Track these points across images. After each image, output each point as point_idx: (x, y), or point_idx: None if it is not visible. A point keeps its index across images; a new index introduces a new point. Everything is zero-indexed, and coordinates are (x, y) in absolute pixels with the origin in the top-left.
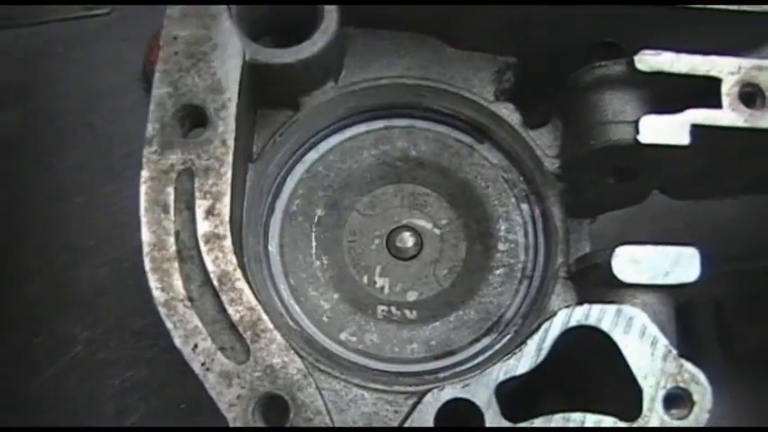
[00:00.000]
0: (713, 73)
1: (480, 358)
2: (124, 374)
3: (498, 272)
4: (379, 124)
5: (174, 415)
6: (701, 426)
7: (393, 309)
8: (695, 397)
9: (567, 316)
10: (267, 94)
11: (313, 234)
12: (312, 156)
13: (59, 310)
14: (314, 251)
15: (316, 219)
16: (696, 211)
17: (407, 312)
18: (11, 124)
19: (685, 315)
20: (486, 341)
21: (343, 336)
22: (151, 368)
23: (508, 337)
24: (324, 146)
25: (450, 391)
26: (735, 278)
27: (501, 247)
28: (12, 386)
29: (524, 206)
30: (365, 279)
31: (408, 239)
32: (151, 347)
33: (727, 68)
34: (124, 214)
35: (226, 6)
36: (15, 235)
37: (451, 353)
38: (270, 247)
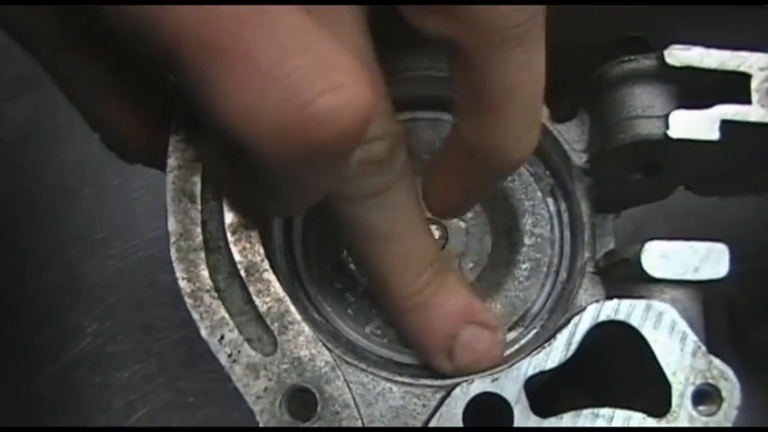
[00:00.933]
0: (743, 69)
1: (507, 352)
2: (132, 367)
3: (524, 266)
4: (405, 116)
5: (183, 408)
6: (730, 421)
7: None
8: (724, 393)
9: (596, 311)
10: None
11: None
12: None
13: (68, 302)
14: (338, 244)
15: None
16: (711, 210)
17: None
18: (20, 117)
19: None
20: (512, 335)
21: (368, 329)
22: (160, 361)
23: (534, 331)
24: None
25: (478, 385)
26: (749, 277)
27: (527, 241)
28: (19, 378)
29: (550, 200)
30: None
31: (434, 232)
32: (159, 341)
33: (757, 64)
34: (133, 207)
35: None
36: (24, 227)
37: None
38: (294, 239)
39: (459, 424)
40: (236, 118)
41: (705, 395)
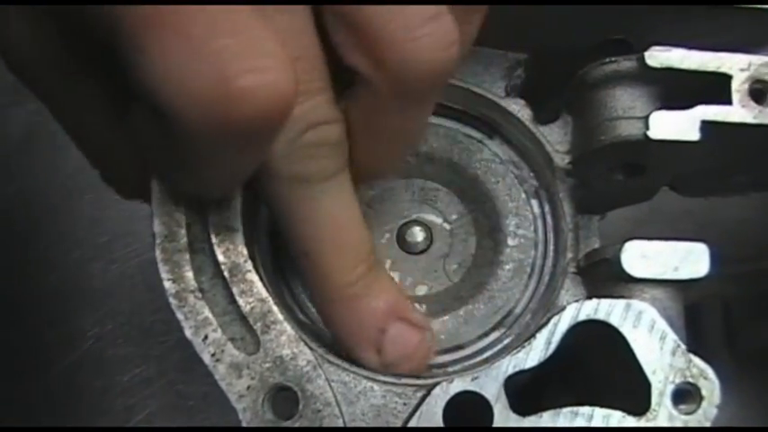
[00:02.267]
0: (723, 69)
1: (489, 352)
2: (133, 371)
3: (508, 267)
4: None
5: (183, 412)
6: (710, 420)
7: None
8: (704, 392)
9: (576, 310)
10: None
11: None
12: None
13: (69, 306)
14: None
15: None
16: (706, 212)
17: (417, 306)
18: (21, 122)
19: (693, 315)
20: (494, 335)
21: None
22: (160, 365)
23: (517, 331)
24: None
25: (459, 384)
26: (743, 279)
27: (510, 242)
28: (21, 381)
29: (534, 202)
30: None
31: (418, 234)
32: (160, 344)
33: (737, 65)
34: (134, 212)
35: None
36: (25, 231)
37: (460, 347)
38: (279, 241)
39: (440, 422)
40: (165, 86)
41: (685, 394)
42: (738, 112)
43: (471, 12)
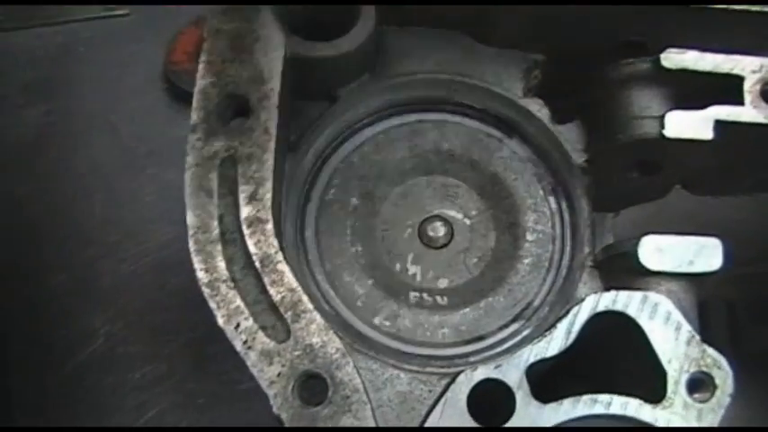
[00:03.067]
0: (736, 71)
1: (509, 343)
2: (143, 369)
3: (526, 261)
4: (412, 118)
5: (193, 409)
6: (723, 407)
7: (425, 295)
8: (717, 381)
9: (595, 301)
10: (304, 85)
11: (348, 222)
12: (347, 147)
13: (81, 304)
14: (349, 238)
15: (350, 208)
16: (712, 214)
17: (438, 299)
18: (34, 122)
19: (698, 315)
20: (514, 327)
21: (377, 320)
22: (170, 363)
23: (536, 323)
24: (358, 138)
25: (482, 372)
26: (748, 280)
27: (529, 237)
28: (33, 379)
29: (551, 198)
30: (398, 266)
31: (439, 229)
32: (170, 343)
33: (749, 67)
34: (146, 212)
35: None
36: (39, 230)
37: (481, 338)
38: (306, 234)
39: (464, 409)
40: None
41: (699, 382)
42: (750, 112)
43: None
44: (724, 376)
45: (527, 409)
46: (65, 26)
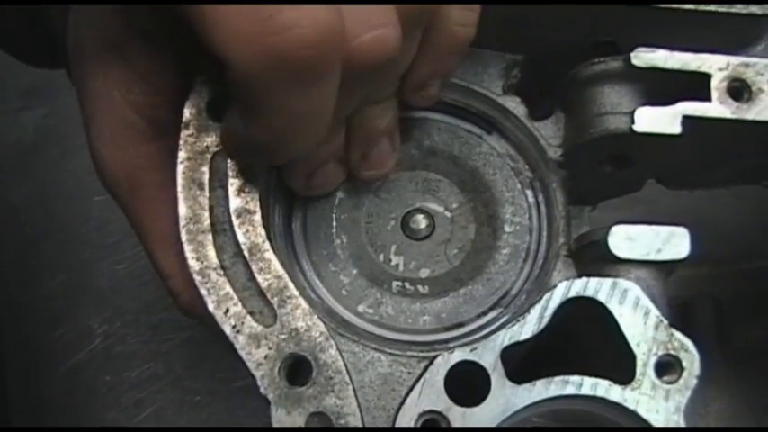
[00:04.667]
0: (703, 69)
1: (487, 330)
2: (141, 367)
3: (504, 251)
4: None
5: (189, 406)
6: (690, 389)
7: (407, 284)
8: (684, 363)
9: (566, 288)
10: None
11: (333, 215)
12: None
13: (79, 304)
14: (334, 231)
15: (336, 201)
16: (698, 213)
17: (420, 287)
18: (33, 126)
19: (684, 313)
20: (492, 314)
21: (360, 308)
22: (167, 361)
23: (513, 311)
24: None
25: (458, 354)
26: (734, 277)
27: (507, 228)
28: (31, 377)
29: (529, 192)
30: (381, 257)
31: (421, 221)
32: (167, 341)
33: (716, 65)
34: None
35: None
36: (37, 232)
37: (461, 324)
38: (293, 227)
39: (441, 389)
40: (217, 35)
41: (667, 365)
42: (717, 108)
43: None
44: (691, 359)
45: (502, 390)
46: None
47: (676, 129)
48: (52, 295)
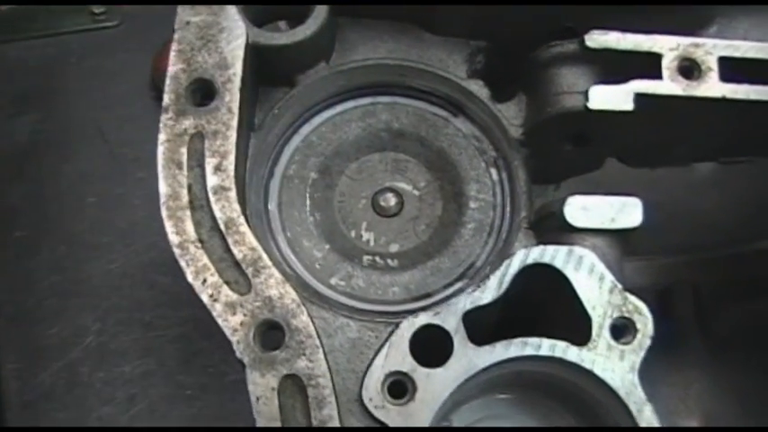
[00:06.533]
0: (655, 49)
1: (453, 300)
2: (134, 363)
3: (470, 226)
4: (366, 100)
5: (181, 400)
6: (644, 349)
7: (377, 258)
8: (638, 325)
9: (524, 255)
10: (267, 72)
11: (307, 194)
12: (306, 128)
13: (73, 302)
14: (308, 209)
15: (310, 181)
16: (678, 203)
17: (390, 261)
18: (27, 130)
19: (665, 300)
20: (458, 285)
21: (333, 280)
22: (159, 357)
23: (478, 282)
24: (317, 119)
25: (423, 318)
26: (713, 264)
27: (472, 205)
28: (27, 373)
29: (493, 170)
30: (353, 233)
31: (391, 199)
32: (159, 338)
33: (667, 45)
34: (134, 215)
35: None
36: (33, 233)
37: (428, 295)
38: (270, 206)
39: (407, 351)
40: None
41: (622, 327)
42: (668, 85)
43: None
44: (645, 321)
45: (464, 351)
46: (57, 38)
47: (629, 106)
48: (47, 294)
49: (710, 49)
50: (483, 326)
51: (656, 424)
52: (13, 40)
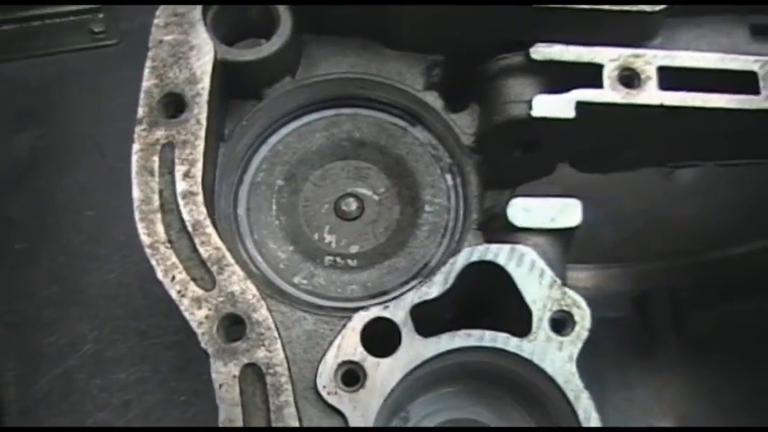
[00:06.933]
0: (596, 60)
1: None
2: (129, 370)
3: (425, 228)
4: (330, 112)
5: (175, 406)
6: (582, 340)
7: (338, 259)
8: (576, 318)
9: (469, 253)
10: (236, 86)
11: (274, 200)
12: (274, 138)
13: (71, 312)
14: (274, 213)
15: (276, 188)
16: (655, 211)
17: (349, 261)
18: (27, 146)
19: (642, 304)
20: (413, 283)
21: (296, 279)
22: (154, 364)
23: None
24: (283, 130)
25: (373, 311)
26: (689, 269)
27: (428, 208)
28: (26, 380)
29: (448, 176)
30: (316, 236)
31: (352, 204)
32: (154, 346)
33: (608, 56)
34: (131, 227)
35: (201, 15)
36: (33, 244)
37: (385, 293)
38: (239, 211)
39: (358, 342)
40: None
41: (561, 320)
42: (608, 94)
43: None
44: (583, 314)
45: (411, 342)
46: (56, 56)
47: (570, 113)
48: (46, 303)
49: (650, 59)
50: (436, 321)
51: (593, 411)
52: (13, 59)
